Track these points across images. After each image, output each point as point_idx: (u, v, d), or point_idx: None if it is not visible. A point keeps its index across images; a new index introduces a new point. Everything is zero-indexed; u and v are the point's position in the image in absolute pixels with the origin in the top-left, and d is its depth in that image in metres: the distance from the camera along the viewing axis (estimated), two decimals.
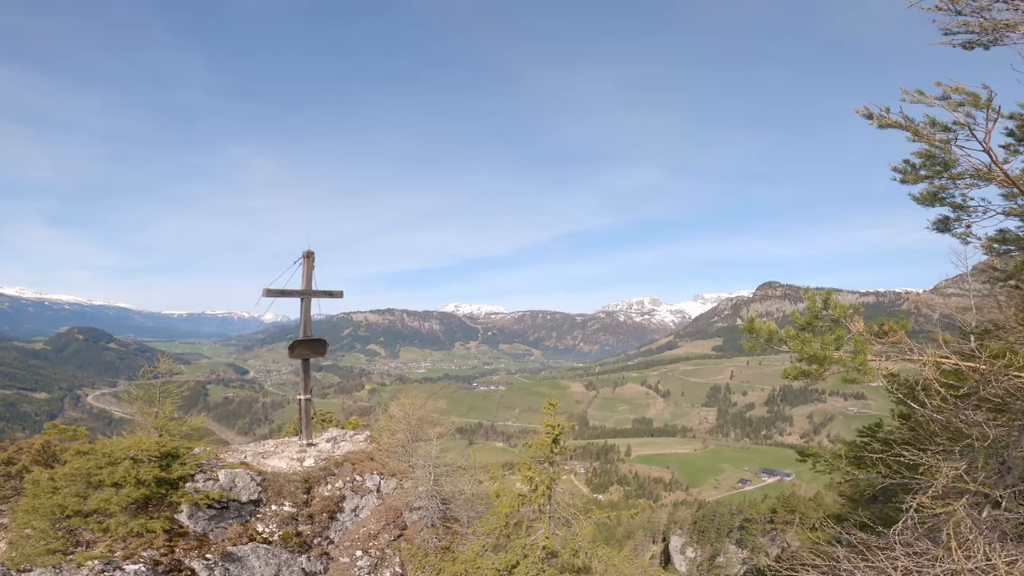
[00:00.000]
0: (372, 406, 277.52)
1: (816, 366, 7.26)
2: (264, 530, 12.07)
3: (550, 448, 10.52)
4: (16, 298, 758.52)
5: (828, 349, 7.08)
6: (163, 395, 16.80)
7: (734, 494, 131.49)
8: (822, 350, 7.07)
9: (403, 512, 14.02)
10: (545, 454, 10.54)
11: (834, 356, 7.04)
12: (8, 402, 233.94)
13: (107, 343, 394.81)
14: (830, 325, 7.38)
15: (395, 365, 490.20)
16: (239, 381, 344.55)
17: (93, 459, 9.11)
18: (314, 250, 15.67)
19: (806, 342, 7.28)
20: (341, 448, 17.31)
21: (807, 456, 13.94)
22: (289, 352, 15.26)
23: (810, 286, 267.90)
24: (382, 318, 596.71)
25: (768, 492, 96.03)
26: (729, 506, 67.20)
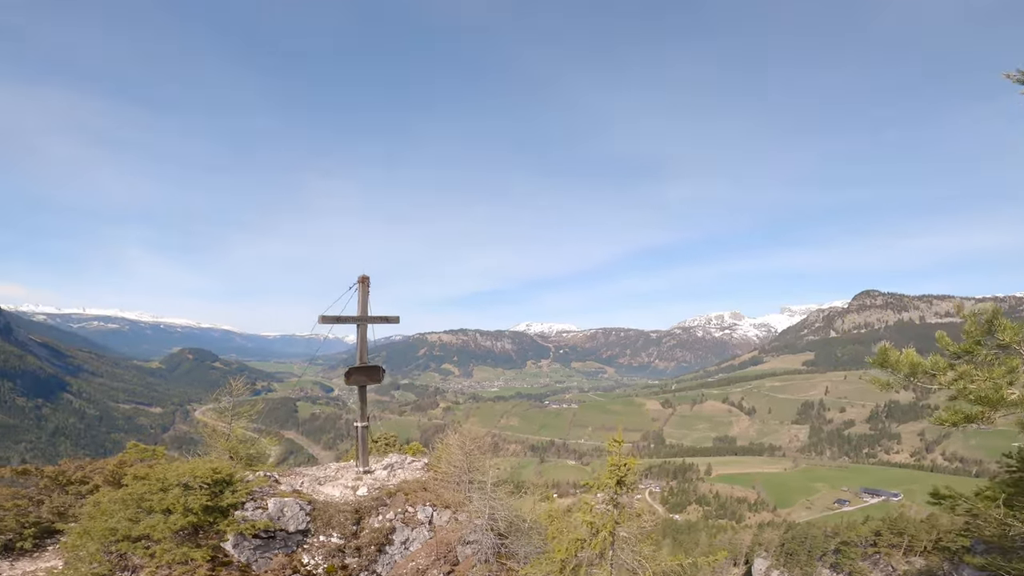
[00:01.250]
0: (446, 424, 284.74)
1: (984, 408, 5.57)
2: (309, 562, 11.77)
3: (614, 490, 9.50)
4: (136, 322, 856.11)
5: (1001, 388, 5.33)
6: (235, 416, 17.49)
7: (830, 515, 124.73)
8: (994, 390, 5.32)
9: (456, 546, 13.23)
10: (608, 496, 9.57)
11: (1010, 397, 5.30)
12: (127, 416, 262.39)
13: (213, 362, 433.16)
14: (996, 353, 5.62)
15: (468, 384, 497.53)
16: (325, 398, 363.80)
17: (147, 484, 9.34)
18: (372, 276, 15.41)
19: (967, 378, 5.55)
20: (397, 476, 16.89)
21: (942, 498, 11.56)
22: (345, 379, 15.13)
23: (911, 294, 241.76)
24: (455, 338, 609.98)
25: (871, 513, 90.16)
26: (823, 528, 61.52)
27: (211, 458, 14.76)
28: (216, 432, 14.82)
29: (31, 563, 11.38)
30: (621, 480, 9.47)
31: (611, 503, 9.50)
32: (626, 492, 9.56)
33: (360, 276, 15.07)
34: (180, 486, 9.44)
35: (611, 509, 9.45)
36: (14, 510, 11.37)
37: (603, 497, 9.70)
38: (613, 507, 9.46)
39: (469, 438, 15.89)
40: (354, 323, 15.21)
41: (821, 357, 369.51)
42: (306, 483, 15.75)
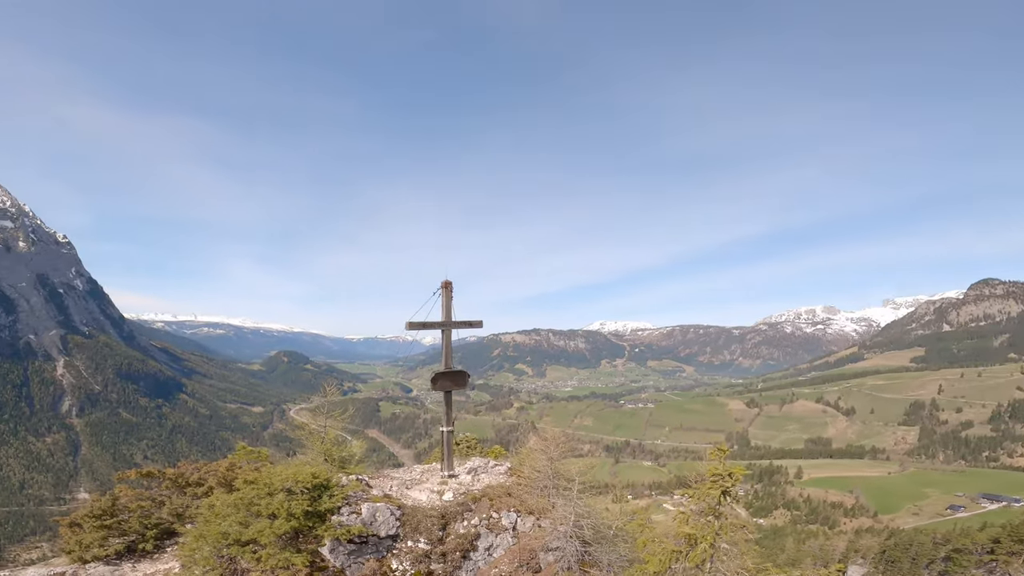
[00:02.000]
0: (520, 423, 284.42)
1: None
2: (397, 567, 11.94)
3: (718, 500, 8.90)
4: (239, 327, 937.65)
5: None
6: (329, 419, 18.40)
7: (940, 522, 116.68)
8: None
9: (538, 553, 12.98)
10: (709, 506, 9.01)
11: None
12: (233, 415, 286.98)
13: (305, 364, 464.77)
14: None
15: (542, 384, 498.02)
16: (404, 399, 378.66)
17: (255, 489, 9.83)
18: (452, 280, 15.48)
19: None
20: (481, 481, 16.85)
21: None
22: (432, 385, 15.29)
23: None
24: (528, 338, 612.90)
25: (989, 520, 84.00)
26: (932, 534, 55.74)
27: (308, 461, 15.53)
28: (312, 434, 15.53)
29: (151, 565, 12.21)
30: (726, 491, 8.91)
31: (712, 513, 8.98)
32: (730, 503, 9.06)
33: (443, 281, 15.14)
34: (284, 491, 9.87)
35: (712, 520, 8.93)
36: (138, 511, 12.26)
37: (701, 507, 9.17)
38: (714, 518, 8.93)
39: (553, 443, 15.50)
40: (439, 328, 15.29)
41: (933, 353, 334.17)
42: (394, 487, 16.04)
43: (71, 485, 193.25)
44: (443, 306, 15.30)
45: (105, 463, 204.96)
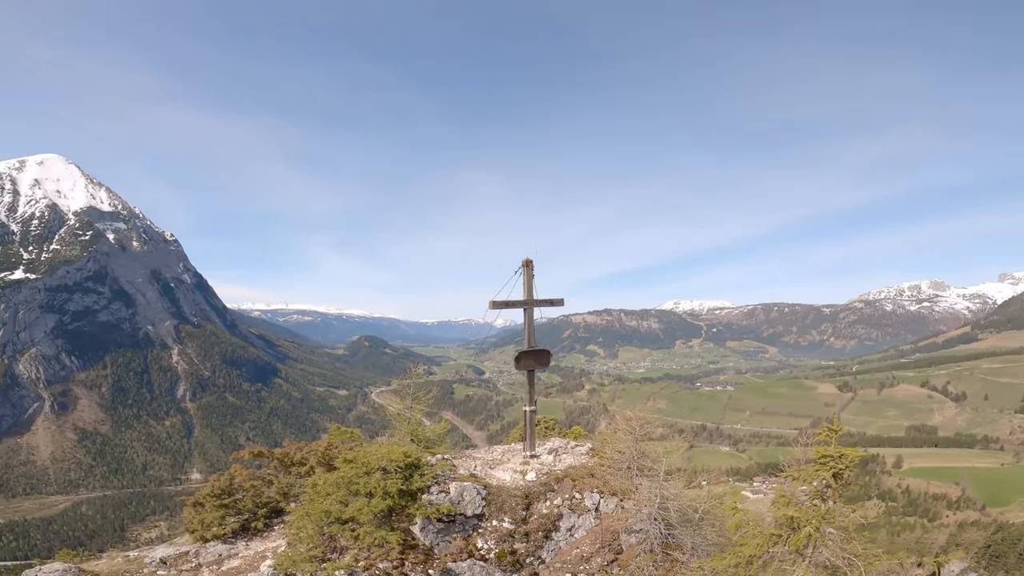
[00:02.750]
0: (591, 405, 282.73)
1: None
2: (483, 546, 12.16)
3: (828, 483, 8.44)
4: (324, 313, 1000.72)
5: None
6: (415, 402, 19.15)
7: None
8: None
9: (620, 535, 12.89)
10: (816, 489, 8.57)
11: None
12: (321, 398, 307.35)
13: (384, 348, 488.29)
14: None
15: (614, 365, 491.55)
16: (477, 381, 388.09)
17: (354, 468, 10.36)
18: (532, 258, 15.40)
19: None
20: (562, 461, 16.92)
21: None
22: (515, 364, 15.42)
23: None
24: (600, 319, 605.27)
25: None
26: None
27: (396, 441, 16.22)
28: (400, 416, 16.20)
29: (261, 543, 13.17)
30: (838, 473, 8.40)
31: (818, 497, 8.59)
32: (841, 487, 8.60)
33: (524, 260, 15.07)
34: (380, 470, 10.33)
35: (818, 503, 8.55)
36: (251, 491, 13.29)
37: (807, 489, 8.81)
38: (821, 501, 8.55)
39: (638, 423, 15.19)
40: (521, 307, 15.31)
41: None
42: (478, 467, 16.40)
43: (185, 466, 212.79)
44: (524, 285, 15.30)
45: (214, 444, 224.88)
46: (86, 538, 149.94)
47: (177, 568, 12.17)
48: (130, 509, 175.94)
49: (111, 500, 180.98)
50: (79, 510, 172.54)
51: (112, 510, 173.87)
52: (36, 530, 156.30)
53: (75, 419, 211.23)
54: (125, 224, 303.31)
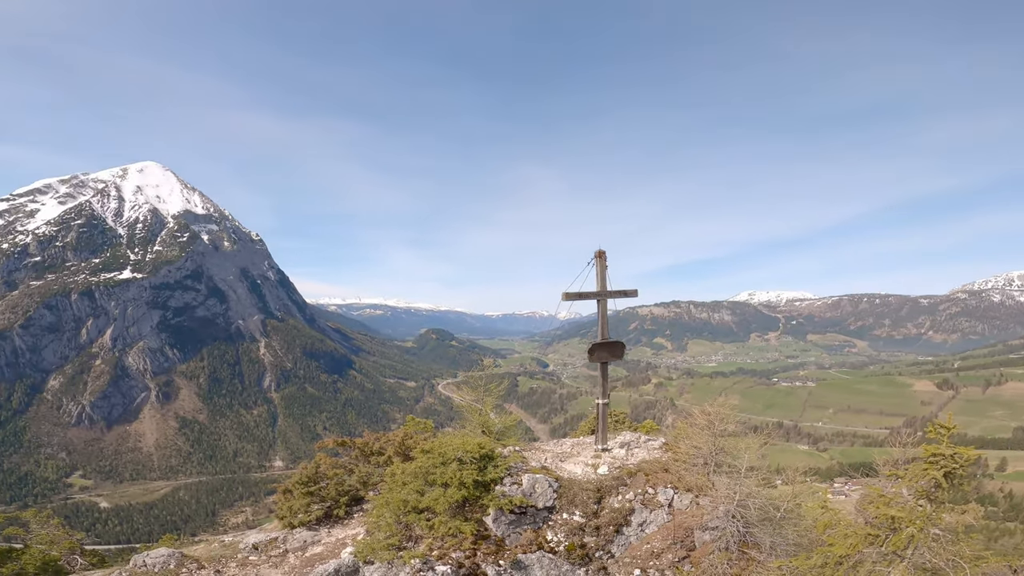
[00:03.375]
0: (657, 400, 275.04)
1: None
2: (553, 539, 12.13)
3: (937, 483, 7.88)
4: (393, 307, 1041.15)
5: None
6: (486, 394, 19.31)
7: None
8: None
9: (694, 532, 12.53)
10: (923, 489, 8.04)
11: None
12: (392, 389, 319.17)
13: (450, 341, 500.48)
14: None
15: (682, 359, 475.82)
16: (541, 374, 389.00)
17: (431, 458, 10.53)
18: (604, 250, 15.27)
19: None
20: (635, 455, 16.62)
21: None
22: (588, 356, 15.31)
23: None
24: (667, 311, 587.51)
25: None
26: None
27: (467, 432, 16.41)
28: (471, 407, 16.38)
29: (342, 530, 13.73)
30: (950, 473, 7.82)
31: (924, 496, 8.13)
32: (953, 487, 8.10)
33: (597, 251, 14.94)
34: (456, 460, 10.44)
35: (924, 504, 8.10)
36: (334, 479, 13.91)
37: (912, 489, 8.36)
38: (927, 501, 8.09)
39: (718, 418, 14.55)
40: (594, 298, 15.17)
41: None
42: (549, 459, 16.36)
43: (270, 453, 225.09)
44: (597, 276, 15.15)
45: (295, 433, 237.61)
46: (181, 522, 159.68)
47: (267, 554, 12.91)
48: (221, 495, 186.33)
49: (205, 486, 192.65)
50: (177, 495, 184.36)
51: (206, 495, 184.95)
52: (139, 514, 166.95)
53: (176, 408, 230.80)
54: (217, 225, 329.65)
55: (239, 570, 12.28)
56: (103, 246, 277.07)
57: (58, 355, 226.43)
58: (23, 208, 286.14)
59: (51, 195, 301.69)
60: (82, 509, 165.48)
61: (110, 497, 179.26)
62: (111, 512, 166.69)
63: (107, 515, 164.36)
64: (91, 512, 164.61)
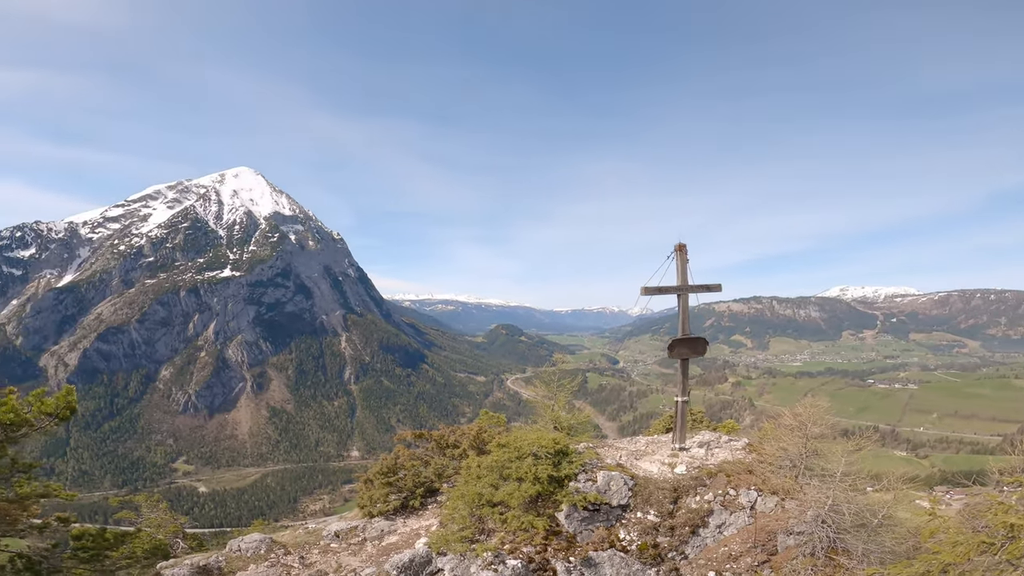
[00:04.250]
0: (735, 400, 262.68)
1: None
2: (625, 537, 11.95)
3: None
4: (464, 303, 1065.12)
5: None
6: (559, 389, 19.20)
7: None
8: None
9: (777, 536, 11.94)
10: None
11: None
12: (462, 383, 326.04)
13: (519, 336, 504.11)
14: None
15: (763, 357, 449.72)
16: (611, 370, 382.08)
17: (507, 453, 10.56)
18: (685, 243, 14.82)
19: None
20: (715, 455, 16.08)
21: None
22: (668, 352, 14.92)
23: None
24: (747, 307, 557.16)
25: None
26: None
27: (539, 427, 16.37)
28: (544, 403, 16.32)
29: (416, 521, 14.15)
30: None
31: None
32: None
33: (677, 245, 14.56)
34: (532, 455, 10.40)
35: None
36: (412, 470, 14.36)
37: None
38: None
39: (810, 419, 13.72)
40: (675, 293, 14.76)
41: None
42: (623, 457, 16.09)
43: (348, 444, 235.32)
44: (678, 270, 14.80)
45: (371, 425, 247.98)
46: (267, 508, 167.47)
47: (347, 541, 13.56)
48: (302, 482, 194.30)
49: (289, 473, 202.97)
50: (265, 482, 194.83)
51: (289, 482, 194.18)
52: (232, 499, 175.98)
53: (268, 398, 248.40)
54: (302, 226, 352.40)
55: (321, 556, 12.94)
56: (206, 247, 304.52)
57: (169, 347, 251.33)
58: (137, 213, 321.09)
59: (160, 200, 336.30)
60: (183, 493, 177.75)
61: (208, 482, 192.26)
62: (207, 497, 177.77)
63: (204, 499, 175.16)
64: (191, 496, 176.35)
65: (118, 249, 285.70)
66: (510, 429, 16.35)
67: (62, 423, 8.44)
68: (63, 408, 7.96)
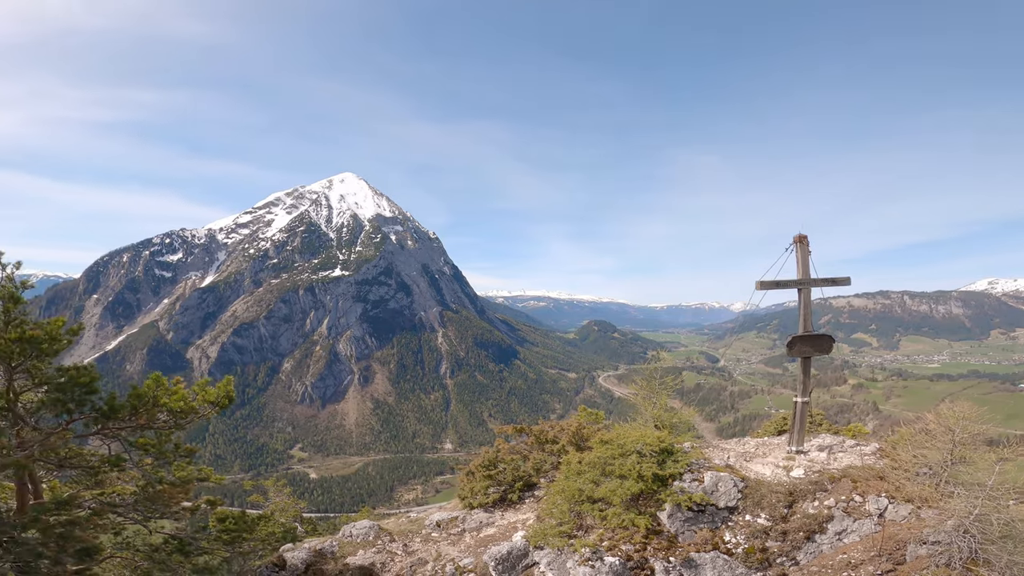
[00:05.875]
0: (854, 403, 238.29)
1: None
2: (730, 540, 11.53)
3: None
4: (556, 299, 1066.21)
5: None
6: (661, 387, 18.61)
7: None
8: None
9: (907, 545, 11.14)
10: None
11: None
12: (553, 380, 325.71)
13: (612, 333, 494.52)
14: None
15: (892, 357, 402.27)
16: (710, 369, 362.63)
17: (610, 449, 10.41)
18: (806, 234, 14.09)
19: None
20: (838, 460, 15.17)
21: None
22: (787, 350, 14.12)
23: None
24: (872, 302, 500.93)
25: None
26: None
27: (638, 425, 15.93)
28: (646, 400, 15.88)
29: (514, 514, 14.38)
30: None
31: None
32: None
33: (796, 236, 13.76)
34: (636, 453, 10.18)
35: None
36: (511, 464, 14.63)
37: None
38: None
39: (958, 423, 12.45)
40: (795, 287, 13.95)
41: None
42: (731, 458, 15.67)
43: (441, 436, 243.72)
44: (798, 262, 13.95)
45: (464, 419, 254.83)
46: (366, 495, 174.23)
47: (447, 531, 14.11)
48: (399, 472, 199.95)
49: (388, 463, 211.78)
50: (366, 471, 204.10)
51: (387, 472, 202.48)
52: (337, 486, 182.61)
53: (372, 391, 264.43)
54: (401, 227, 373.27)
55: (422, 545, 13.55)
56: (319, 248, 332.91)
57: (290, 342, 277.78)
58: (262, 219, 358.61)
59: (280, 206, 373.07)
60: (297, 478, 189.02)
61: (317, 469, 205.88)
62: (316, 483, 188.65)
63: (313, 485, 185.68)
64: (303, 481, 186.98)
65: (248, 252, 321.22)
66: (609, 427, 16.11)
67: (221, 411, 9.08)
68: (223, 397, 8.76)
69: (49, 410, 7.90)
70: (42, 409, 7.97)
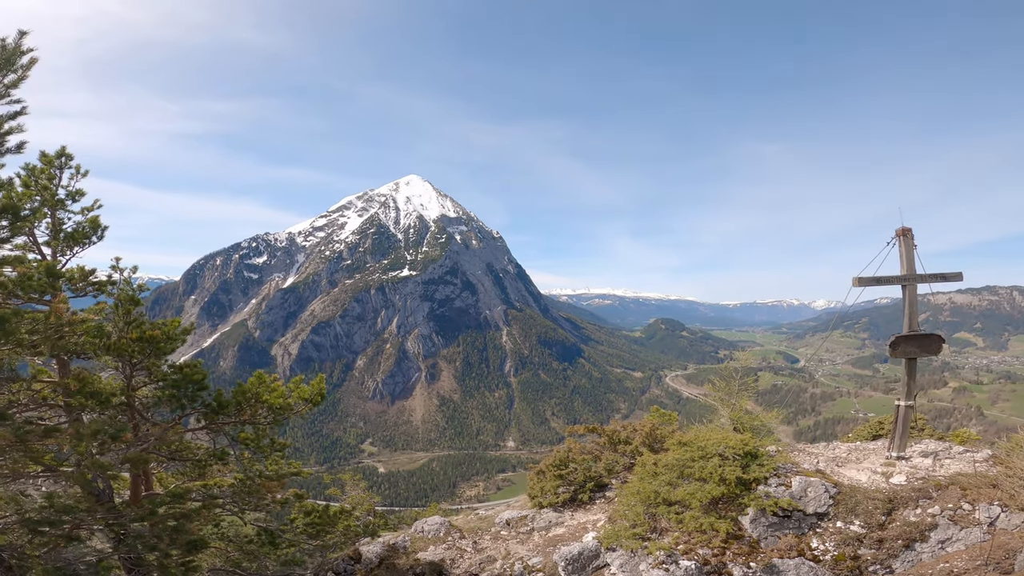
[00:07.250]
0: (954, 408, 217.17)
1: None
2: (818, 547, 10.92)
3: None
4: (621, 297, 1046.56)
5: None
6: (741, 388, 17.84)
7: None
8: None
9: (1017, 554, 10.24)
10: None
11: None
12: (618, 379, 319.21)
13: (680, 331, 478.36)
14: None
15: (999, 359, 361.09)
16: (788, 369, 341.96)
17: (689, 451, 10.09)
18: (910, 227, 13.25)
19: None
20: (945, 467, 14.02)
21: None
22: (890, 350, 13.22)
23: None
24: (977, 299, 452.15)
25: None
26: None
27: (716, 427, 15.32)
28: (725, 401, 15.26)
29: (584, 515, 14.24)
30: None
31: None
32: None
33: (899, 229, 12.84)
34: (718, 455, 9.81)
35: None
36: (582, 464, 14.53)
37: None
38: None
39: None
40: (899, 284, 13.06)
41: None
42: (821, 462, 14.89)
43: (504, 434, 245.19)
44: (902, 257, 13.01)
45: (527, 417, 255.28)
46: (430, 491, 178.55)
47: (516, 530, 14.18)
48: (462, 469, 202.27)
49: (452, 459, 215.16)
50: (431, 466, 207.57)
51: (451, 468, 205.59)
52: (403, 481, 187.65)
53: (438, 388, 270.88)
54: (465, 227, 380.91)
55: (491, 543, 13.62)
56: (389, 249, 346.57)
57: (363, 340, 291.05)
58: (336, 222, 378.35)
59: (352, 209, 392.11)
60: (367, 472, 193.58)
61: (386, 463, 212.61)
62: (384, 477, 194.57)
63: (381, 479, 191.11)
64: (372, 476, 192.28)
65: (324, 255, 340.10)
66: (683, 428, 15.60)
67: (314, 408, 9.48)
68: (316, 395, 9.24)
69: (165, 406, 8.63)
70: (159, 404, 8.71)
